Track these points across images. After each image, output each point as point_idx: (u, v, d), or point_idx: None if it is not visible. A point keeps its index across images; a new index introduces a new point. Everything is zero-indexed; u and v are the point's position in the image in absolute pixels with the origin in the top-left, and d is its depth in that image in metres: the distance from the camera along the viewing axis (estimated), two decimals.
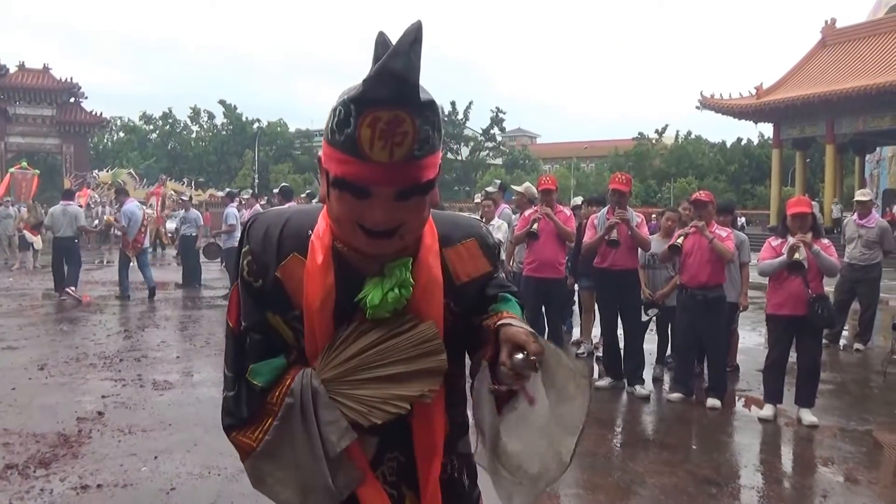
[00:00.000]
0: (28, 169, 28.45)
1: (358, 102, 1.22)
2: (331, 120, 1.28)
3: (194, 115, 59.22)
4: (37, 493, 3.85)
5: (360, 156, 1.24)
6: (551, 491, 4.09)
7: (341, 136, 1.25)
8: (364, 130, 1.22)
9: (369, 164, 1.25)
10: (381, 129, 1.22)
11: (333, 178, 1.29)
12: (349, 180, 1.27)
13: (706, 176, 50.54)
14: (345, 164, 1.26)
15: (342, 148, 1.25)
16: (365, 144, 1.23)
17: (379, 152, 1.24)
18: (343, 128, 1.24)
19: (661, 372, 6.90)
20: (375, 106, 1.21)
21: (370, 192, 1.27)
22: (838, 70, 29.95)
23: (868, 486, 4.28)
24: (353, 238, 1.35)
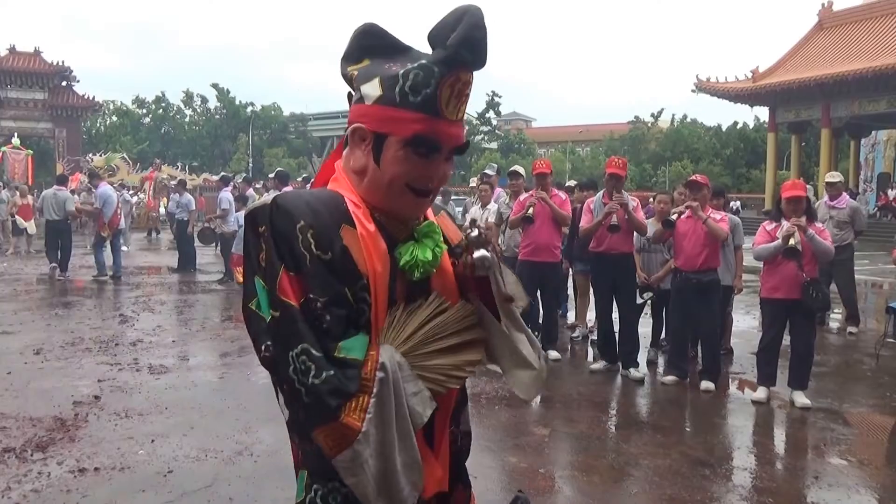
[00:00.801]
0: (21, 149, 28.23)
1: (444, 64, 1.40)
2: (399, 84, 1.41)
3: (187, 99, 58.92)
4: (34, 477, 3.87)
5: (436, 113, 1.42)
6: (546, 473, 4.13)
7: (417, 96, 1.40)
8: (445, 90, 1.41)
9: (443, 122, 1.44)
10: (458, 89, 1.43)
11: (410, 138, 1.41)
12: (426, 136, 1.42)
13: (701, 160, 50.58)
14: (420, 122, 1.41)
15: (418, 108, 1.41)
16: (443, 103, 1.42)
17: (451, 111, 1.44)
18: (421, 89, 1.40)
19: (655, 355, 6.94)
20: (460, 68, 1.41)
21: (441, 147, 1.45)
22: (835, 53, 29.93)
23: (860, 467, 4.32)
24: (398, 200, 1.47)
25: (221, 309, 9.64)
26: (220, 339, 7.62)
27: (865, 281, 14.01)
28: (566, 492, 3.89)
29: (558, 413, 5.31)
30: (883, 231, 25.69)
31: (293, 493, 2.66)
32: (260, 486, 3.78)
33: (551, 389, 5.99)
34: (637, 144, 55.03)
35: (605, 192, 6.34)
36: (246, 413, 4.98)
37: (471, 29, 1.39)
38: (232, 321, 8.52)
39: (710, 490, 3.90)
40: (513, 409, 5.27)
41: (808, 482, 4.10)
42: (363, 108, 1.46)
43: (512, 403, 5.43)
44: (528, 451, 4.41)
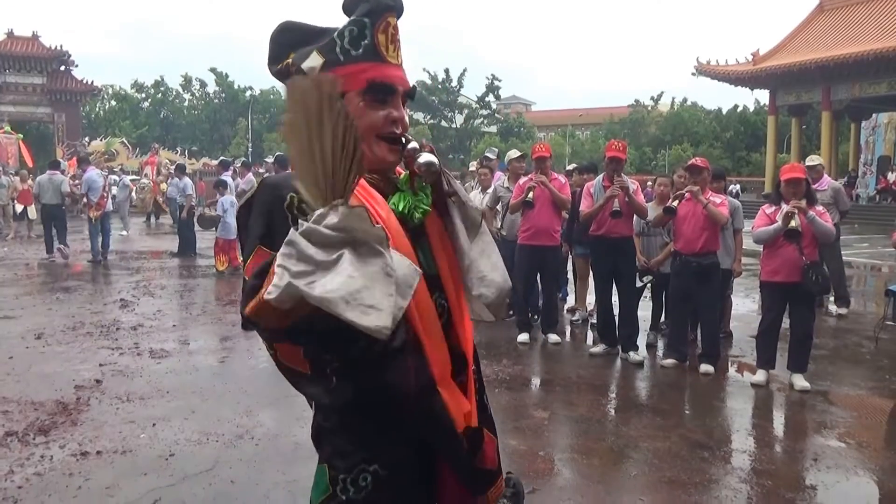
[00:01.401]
0: (12, 134, 28.06)
1: (372, 14, 1.52)
2: (338, 44, 1.52)
3: (186, 84, 58.67)
4: (37, 460, 3.89)
5: (381, 59, 1.53)
6: (546, 456, 4.15)
7: (358, 49, 1.52)
8: (380, 37, 1.53)
9: (390, 66, 1.55)
10: (390, 34, 1.55)
11: (365, 86, 1.51)
12: (380, 80, 1.52)
13: (701, 143, 50.43)
14: (371, 70, 1.52)
15: (363, 58, 1.52)
16: (383, 48, 1.54)
17: (392, 55, 1.56)
18: (359, 41, 1.52)
19: (654, 338, 6.95)
20: (386, 13, 1.54)
21: (395, 90, 1.55)
22: (835, 36, 29.76)
23: (859, 449, 4.34)
24: (373, 151, 1.54)
25: (222, 293, 9.65)
26: (221, 323, 7.64)
27: (865, 264, 14.03)
28: (566, 474, 3.91)
29: (558, 396, 5.33)
30: (883, 214, 25.70)
31: (294, 475, 2.74)
32: (261, 469, 3.80)
33: (551, 373, 6.02)
34: (637, 128, 54.83)
35: (605, 175, 6.32)
36: (247, 397, 5.00)
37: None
38: (233, 305, 8.53)
39: (709, 472, 3.92)
40: (513, 393, 5.30)
41: (806, 464, 4.12)
42: None
43: (512, 387, 5.45)
44: (527, 434, 4.44)
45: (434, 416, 1.57)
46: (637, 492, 3.65)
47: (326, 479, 1.54)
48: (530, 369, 6.13)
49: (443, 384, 1.59)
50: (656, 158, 50.85)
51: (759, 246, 5.78)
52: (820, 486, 3.80)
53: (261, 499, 3.47)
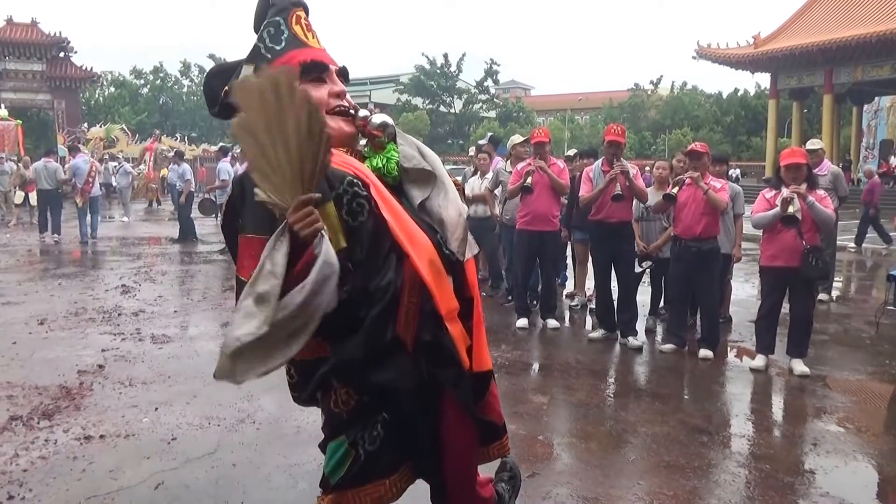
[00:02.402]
0: (10, 120, 27.97)
1: (281, 12, 1.68)
2: (262, 46, 1.68)
3: (185, 70, 58.42)
4: (41, 444, 3.93)
5: (303, 44, 1.68)
6: (544, 440, 4.18)
7: (281, 42, 1.67)
8: (296, 28, 1.68)
9: (314, 49, 1.70)
10: (304, 23, 1.70)
11: (300, 69, 1.60)
12: (311, 60, 1.66)
13: (702, 127, 50.27)
14: (297, 55, 1.66)
15: (289, 47, 1.67)
16: (302, 36, 1.69)
17: (313, 40, 1.72)
18: (279, 36, 1.67)
19: (653, 323, 6.97)
20: (293, 8, 1.70)
21: (327, 66, 1.70)
22: (838, 18, 29.54)
23: (858, 434, 4.36)
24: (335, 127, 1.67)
25: (222, 279, 9.67)
26: (222, 308, 7.66)
27: (866, 249, 14.03)
28: (564, 459, 3.94)
29: (557, 381, 5.35)
30: (884, 199, 25.59)
31: (295, 459, 2.77)
32: (262, 453, 3.83)
33: (550, 358, 6.04)
34: (636, 112, 54.64)
35: (605, 159, 6.32)
36: (247, 382, 5.01)
37: None
38: (233, 291, 8.53)
39: (708, 457, 3.94)
40: (512, 378, 5.32)
41: (806, 449, 4.13)
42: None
43: (511, 372, 5.47)
44: (526, 419, 4.46)
45: (442, 349, 1.68)
46: (635, 476, 3.68)
47: (345, 446, 1.70)
48: (529, 354, 6.15)
49: (449, 319, 1.70)
50: (656, 143, 50.71)
51: (759, 231, 5.77)
52: (819, 471, 3.81)
53: (262, 482, 3.51)
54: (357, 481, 1.68)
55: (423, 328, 1.69)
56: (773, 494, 3.49)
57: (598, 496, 3.44)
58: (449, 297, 1.72)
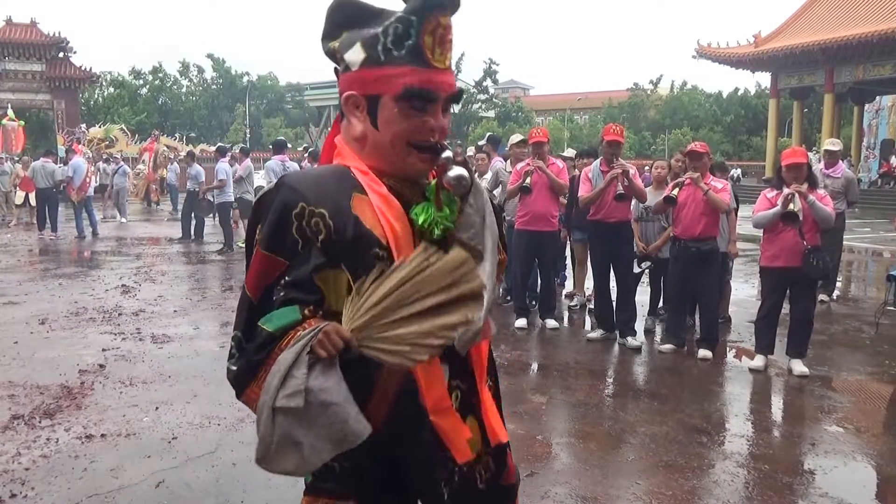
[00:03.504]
0: (15, 121, 28.07)
1: (420, 11, 1.38)
2: (381, 42, 1.40)
3: (184, 70, 58.48)
4: (43, 443, 3.94)
5: (424, 63, 1.40)
6: (543, 440, 4.19)
7: (401, 49, 1.39)
8: (427, 38, 1.39)
9: (433, 71, 1.42)
10: (440, 35, 1.40)
11: (401, 91, 1.39)
12: (419, 87, 1.40)
13: (702, 127, 50.32)
14: (410, 74, 1.39)
15: (405, 60, 1.39)
16: (428, 51, 1.40)
17: (438, 58, 1.42)
18: (403, 41, 1.39)
19: (652, 323, 6.98)
20: (437, 12, 1.39)
21: (436, 97, 1.43)
22: (839, 17, 29.52)
23: (857, 434, 4.37)
24: (404, 161, 1.46)
25: (221, 279, 9.68)
26: (221, 308, 7.67)
27: (866, 249, 14.03)
28: (563, 458, 3.95)
29: (556, 381, 5.36)
30: (885, 199, 25.65)
31: None
32: None
33: (549, 358, 6.05)
34: (636, 112, 54.66)
35: (604, 159, 6.32)
36: None
37: None
38: (232, 291, 8.56)
39: (707, 457, 3.95)
40: (511, 377, 5.33)
41: (804, 449, 4.14)
42: (350, 75, 1.46)
43: (510, 371, 5.48)
44: (525, 419, 4.47)
45: (421, 445, 1.51)
46: (634, 476, 3.69)
47: None
48: (528, 354, 6.16)
49: (437, 412, 1.50)
50: (655, 143, 50.73)
51: (759, 230, 5.76)
52: (818, 471, 3.83)
53: (262, 481, 3.51)
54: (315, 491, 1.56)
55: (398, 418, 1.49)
56: (771, 494, 3.50)
57: (597, 496, 3.45)
58: (438, 387, 1.50)
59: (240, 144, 23.45)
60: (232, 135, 50.08)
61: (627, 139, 8.42)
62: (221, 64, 57.71)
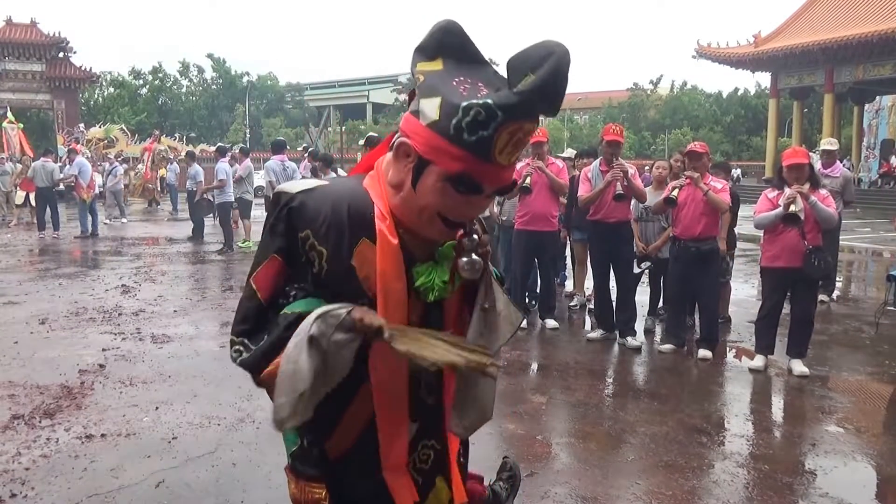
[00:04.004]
0: (14, 123, 28.15)
1: (510, 111, 1.27)
2: (459, 117, 1.29)
3: (184, 70, 58.52)
4: (43, 442, 3.95)
5: (487, 158, 1.31)
6: (543, 440, 4.19)
7: (473, 136, 1.29)
8: (503, 137, 1.29)
9: (492, 167, 1.33)
10: (518, 139, 1.32)
11: (452, 175, 1.32)
12: (470, 178, 1.32)
13: (701, 127, 50.34)
14: (467, 162, 1.31)
15: (469, 148, 1.30)
16: (497, 149, 1.30)
17: (505, 157, 1.33)
18: (478, 129, 1.28)
19: (652, 323, 6.98)
20: (525, 118, 1.30)
21: (483, 190, 1.35)
22: (839, 17, 29.57)
23: (857, 434, 4.37)
24: (427, 226, 1.41)
25: (221, 279, 9.69)
26: (221, 308, 7.68)
27: (866, 249, 14.04)
28: (563, 458, 3.95)
29: (556, 381, 5.37)
30: (885, 199, 25.67)
31: None
32: (262, 452, 3.84)
33: (549, 358, 6.06)
34: (636, 112, 54.66)
35: (603, 159, 6.33)
36: (247, 381, 4.95)
37: (551, 76, 1.26)
38: (232, 291, 8.57)
39: (707, 457, 3.96)
40: (510, 378, 5.33)
41: (804, 449, 4.14)
42: (416, 125, 1.36)
43: (510, 371, 5.49)
44: (525, 419, 4.48)
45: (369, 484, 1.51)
46: (634, 476, 3.69)
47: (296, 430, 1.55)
48: (528, 354, 6.17)
49: (392, 470, 1.51)
50: (655, 143, 50.75)
51: (758, 231, 5.76)
52: (818, 471, 3.83)
53: (262, 480, 3.52)
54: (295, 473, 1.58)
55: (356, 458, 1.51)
56: (771, 494, 3.50)
57: (597, 496, 3.45)
58: (400, 443, 1.50)
59: (239, 144, 23.49)
60: (232, 135, 50.10)
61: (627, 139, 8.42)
62: (221, 64, 57.76)
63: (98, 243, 13.71)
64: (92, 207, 14.85)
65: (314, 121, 63.77)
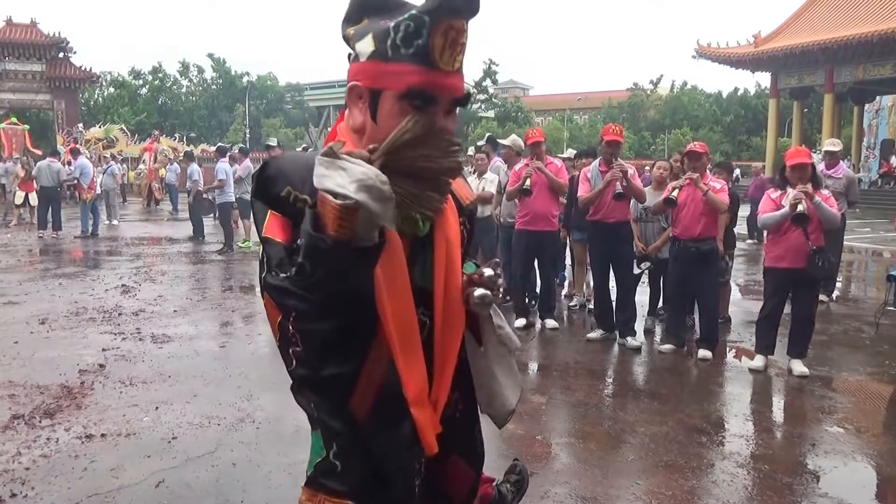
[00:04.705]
0: (17, 124, 28.21)
1: (435, 13, 1.36)
2: (391, 37, 1.39)
3: (184, 70, 58.55)
4: (43, 442, 3.95)
5: (430, 64, 1.38)
6: (543, 440, 4.19)
7: (409, 48, 1.38)
8: (437, 40, 1.37)
9: (438, 73, 1.40)
10: (451, 38, 1.38)
11: (405, 91, 1.39)
12: (420, 88, 1.39)
13: (701, 127, 50.38)
14: (414, 74, 1.38)
15: (411, 60, 1.38)
16: (436, 53, 1.38)
17: (447, 61, 1.40)
18: (412, 40, 1.37)
19: (652, 324, 6.97)
20: (452, 16, 1.37)
21: (438, 100, 1.42)
22: (839, 17, 29.56)
23: (857, 434, 4.36)
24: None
25: (222, 279, 9.69)
26: (221, 308, 7.68)
27: (866, 249, 14.04)
28: (563, 458, 3.95)
29: (555, 381, 5.37)
30: (885, 199, 25.67)
31: (294, 458, 2.74)
32: (262, 452, 3.84)
33: (548, 358, 6.06)
34: (636, 112, 54.70)
35: (603, 159, 6.32)
36: (247, 381, 5.05)
37: None
38: (232, 291, 8.57)
39: (707, 457, 3.96)
40: None
41: (804, 449, 4.14)
42: (358, 65, 1.46)
43: None
44: (525, 419, 4.47)
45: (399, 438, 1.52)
46: (634, 476, 3.69)
47: (321, 441, 1.56)
48: (528, 354, 6.17)
49: (416, 404, 1.53)
50: (655, 143, 50.80)
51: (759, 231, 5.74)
52: (817, 471, 3.82)
53: (262, 480, 3.52)
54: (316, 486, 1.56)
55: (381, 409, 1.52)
56: (771, 494, 3.50)
57: (597, 496, 3.45)
58: (418, 379, 1.53)
59: (239, 144, 23.50)
60: (232, 135, 50.13)
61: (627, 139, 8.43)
62: (221, 64, 57.81)
63: (98, 243, 13.71)
64: (93, 207, 14.97)
65: (314, 121, 63.81)
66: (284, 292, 1.38)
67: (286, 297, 1.39)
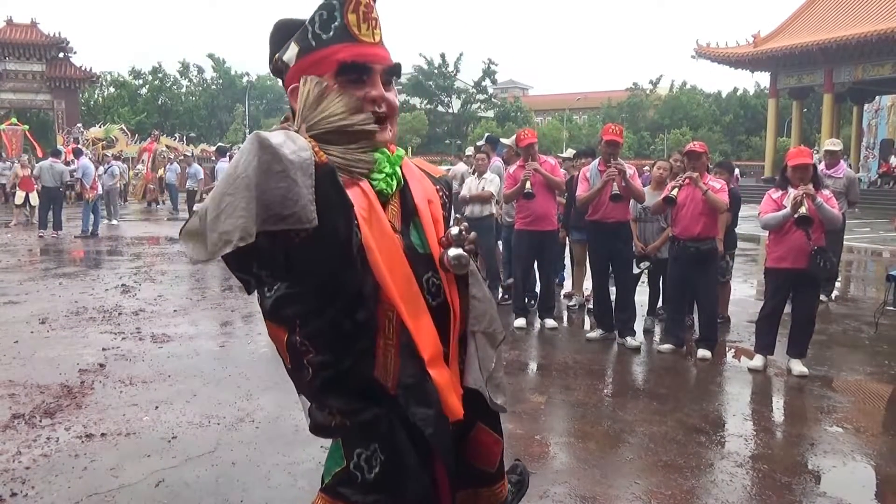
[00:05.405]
0: (18, 125, 28.24)
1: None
2: (310, 31, 1.49)
3: (184, 70, 58.55)
4: (43, 442, 3.95)
5: (353, 39, 1.48)
6: (542, 440, 4.20)
7: (329, 31, 1.47)
8: (351, 17, 1.47)
9: (364, 45, 1.49)
10: (362, 12, 1.48)
11: (336, 68, 1.46)
12: (352, 60, 1.47)
13: (701, 127, 50.38)
14: (340, 51, 1.47)
15: (335, 40, 1.47)
16: (354, 28, 1.48)
17: (366, 33, 1.49)
18: (329, 24, 1.47)
19: (652, 323, 6.97)
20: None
21: (371, 68, 1.49)
22: (838, 17, 29.58)
23: (856, 434, 4.37)
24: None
25: (221, 279, 9.67)
26: (221, 308, 7.68)
27: (866, 249, 14.05)
28: (562, 458, 3.95)
29: (555, 381, 5.37)
30: (884, 199, 25.66)
31: (294, 457, 2.75)
32: (261, 452, 3.85)
33: (548, 358, 6.06)
34: (635, 112, 54.71)
35: (602, 159, 6.33)
36: (247, 381, 5.05)
37: None
38: (232, 291, 8.57)
39: (706, 456, 3.96)
40: (510, 377, 5.33)
41: (803, 449, 4.14)
42: (290, 71, 1.52)
43: (509, 371, 5.49)
44: (524, 419, 4.48)
45: (424, 398, 1.53)
46: (633, 475, 3.70)
47: (341, 451, 1.56)
48: (527, 354, 6.17)
49: (433, 365, 1.54)
50: (654, 143, 50.81)
51: (756, 231, 5.75)
52: (817, 471, 3.83)
53: (262, 480, 3.53)
54: (334, 495, 1.56)
55: (405, 372, 1.53)
56: (770, 494, 3.51)
57: (596, 495, 3.46)
58: (431, 340, 1.55)
59: (239, 145, 23.49)
60: (231, 135, 50.17)
61: (626, 139, 8.41)
62: (221, 64, 57.84)
63: (98, 243, 13.72)
64: (94, 207, 14.99)
65: None
66: (280, 303, 1.42)
67: (284, 307, 1.43)
